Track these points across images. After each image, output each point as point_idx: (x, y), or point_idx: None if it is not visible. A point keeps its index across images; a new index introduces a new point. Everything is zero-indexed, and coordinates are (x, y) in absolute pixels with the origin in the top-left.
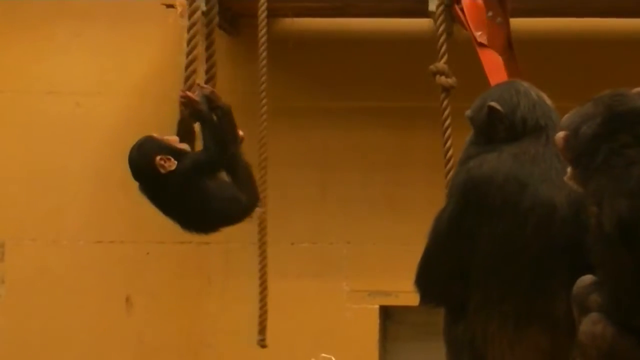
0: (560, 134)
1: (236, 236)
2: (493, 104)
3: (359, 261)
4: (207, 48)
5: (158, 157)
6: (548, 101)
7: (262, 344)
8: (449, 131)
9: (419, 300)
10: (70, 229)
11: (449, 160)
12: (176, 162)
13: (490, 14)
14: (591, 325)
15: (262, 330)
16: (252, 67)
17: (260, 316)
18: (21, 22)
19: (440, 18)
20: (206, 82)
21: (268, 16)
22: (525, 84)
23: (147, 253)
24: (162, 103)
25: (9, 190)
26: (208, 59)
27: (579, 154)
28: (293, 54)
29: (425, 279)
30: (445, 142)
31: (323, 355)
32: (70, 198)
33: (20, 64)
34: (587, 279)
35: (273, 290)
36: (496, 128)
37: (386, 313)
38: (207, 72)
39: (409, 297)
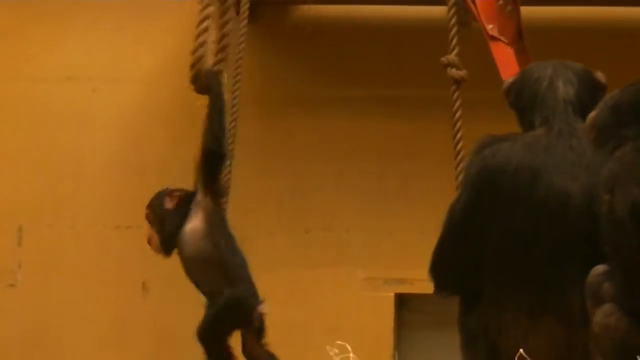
0: (591, 114)
1: (251, 224)
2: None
3: (374, 249)
4: (221, 31)
5: None
6: (570, 90)
7: None
8: (459, 123)
9: (434, 290)
10: (87, 214)
11: (458, 153)
12: None
13: (500, 2)
14: (605, 316)
15: None
16: (269, 54)
17: None
18: (39, 10)
19: (453, 10)
20: (215, 65)
21: (284, 3)
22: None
23: None
24: (178, 90)
25: (26, 176)
26: (220, 41)
27: (597, 137)
28: (309, 41)
29: (440, 268)
30: (455, 135)
31: (338, 342)
32: (87, 183)
33: (37, 51)
34: (600, 268)
35: (288, 279)
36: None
37: (401, 301)
38: (216, 54)
39: (424, 285)
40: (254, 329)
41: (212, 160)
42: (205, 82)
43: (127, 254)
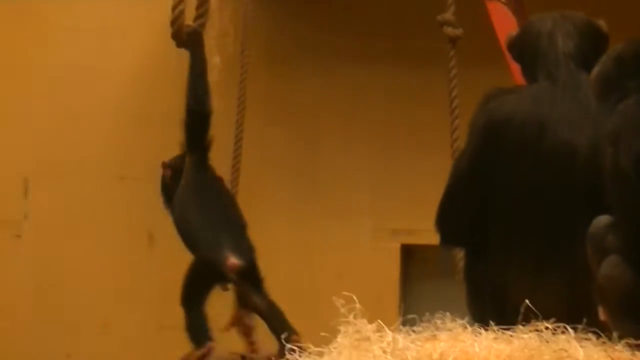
0: (596, 68)
1: (259, 176)
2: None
3: (380, 200)
4: None
5: None
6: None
7: None
8: (454, 81)
9: (440, 241)
10: (93, 165)
11: (454, 110)
12: None
13: None
14: (610, 268)
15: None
16: (275, 7)
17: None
18: None
19: None
20: (194, 20)
21: None
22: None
23: None
24: None
25: (33, 127)
26: None
27: (602, 90)
28: None
29: (446, 219)
30: (451, 92)
31: (344, 293)
32: (93, 135)
33: (44, 4)
34: (603, 219)
35: (296, 229)
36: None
37: (407, 252)
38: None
39: (431, 236)
40: (239, 282)
41: (194, 120)
42: (185, 40)
43: (133, 205)
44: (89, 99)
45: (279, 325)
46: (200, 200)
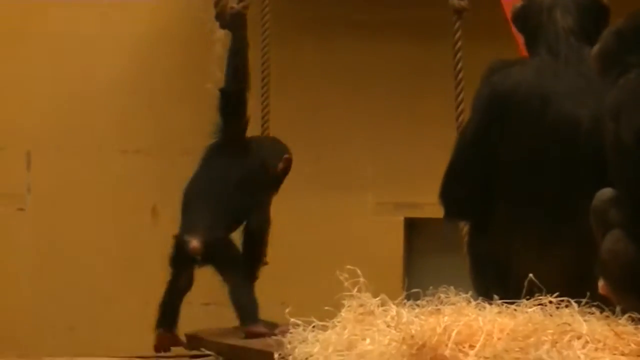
0: (597, 45)
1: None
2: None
3: (384, 173)
4: None
5: None
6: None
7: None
8: (460, 54)
9: (444, 215)
10: (96, 138)
11: (459, 82)
12: None
13: None
14: (613, 242)
15: None
16: None
17: None
18: None
19: None
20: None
21: None
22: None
23: (173, 164)
24: (188, 13)
25: (35, 100)
26: None
27: (603, 66)
28: None
29: (450, 193)
30: (456, 64)
31: (348, 267)
32: (96, 107)
33: None
34: (606, 192)
35: (298, 204)
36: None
37: (411, 225)
38: None
39: (435, 209)
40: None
41: (226, 100)
42: (229, 21)
43: (137, 178)
44: (91, 72)
45: (237, 310)
46: (198, 181)
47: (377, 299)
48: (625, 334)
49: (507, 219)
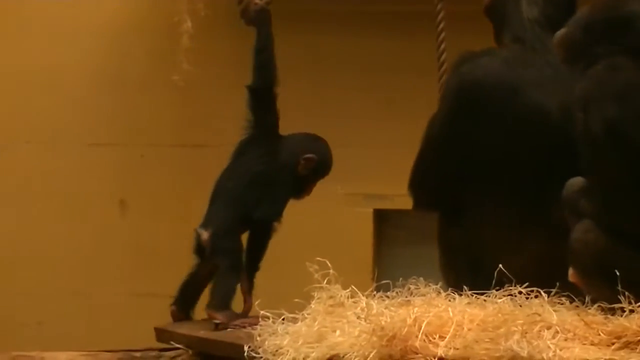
0: (560, 32)
1: (231, 139)
2: None
3: (354, 164)
4: None
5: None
6: (534, 9)
7: None
8: (442, 34)
9: (413, 205)
10: (65, 131)
11: (442, 64)
12: None
13: None
14: (583, 232)
15: None
16: None
17: None
18: None
19: None
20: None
21: None
22: None
23: (142, 155)
24: (160, 5)
25: (3, 92)
26: None
27: (567, 53)
28: None
29: (419, 183)
30: (439, 46)
31: (317, 259)
32: (64, 100)
33: None
34: (576, 182)
35: None
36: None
37: (381, 216)
38: None
39: (404, 200)
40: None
41: (255, 97)
42: (253, 17)
43: (105, 171)
44: (59, 65)
45: (211, 294)
46: (222, 176)
47: (347, 290)
48: (595, 324)
49: (477, 210)
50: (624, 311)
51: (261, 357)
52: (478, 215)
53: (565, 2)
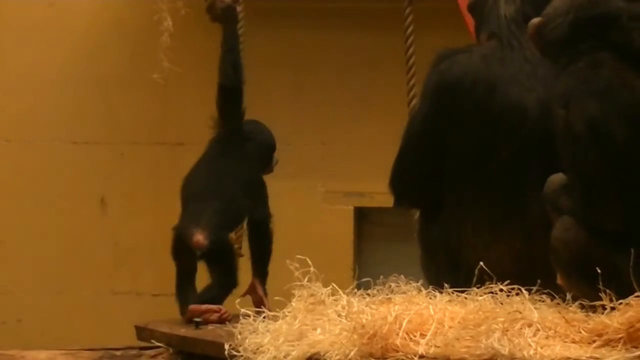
0: (535, 21)
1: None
2: None
3: (334, 162)
4: None
5: None
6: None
7: (239, 252)
8: (411, 38)
9: (394, 202)
10: (45, 129)
11: (410, 67)
12: None
13: None
14: (563, 230)
15: (239, 238)
16: None
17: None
18: None
19: None
20: None
21: None
22: None
23: (122, 154)
24: (139, 1)
25: None
26: None
27: (547, 47)
28: None
29: (400, 180)
30: (408, 49)
31: (298, 257)
32: (44, 98)
33: None
34: (557, 179)
35: None
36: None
37: (361, 214)
38: None
39: (384, 198)
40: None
41: (224, 95)
42: (219, 14)
43: (86, 170)
44: (40, 63)
45: (202, 293)
46: (203, 174)
47: (328, 288)
48: (576, 321)
49: (457, 207)
50: (605, 309)
51: (242, 356)
52: (457, 212)
53: (543, 1)
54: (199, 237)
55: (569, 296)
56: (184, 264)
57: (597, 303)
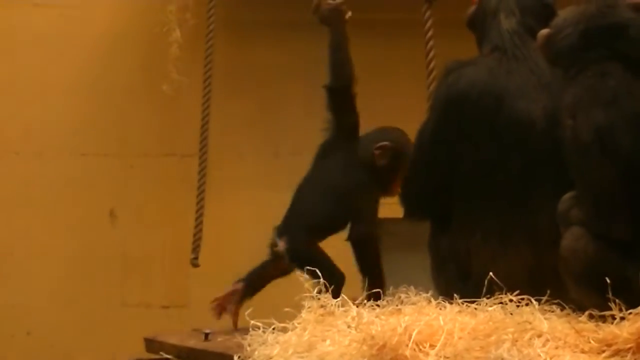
0: (544, 32)
1: (220, 148)
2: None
3: None
4: None
5: None
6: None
7: (195, 263)
8: (431, 42)
9: (404, 213)
10: (55, 141)
11: (431, 72)
12: None
13: None
14: (573, 240)
15: (196, 249)
16: None
17: (194, 234)
18: None
19: None
20: None
21: None
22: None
23: (131, 166)
24: (146, 15)
25: None
26: None
27: (557, 57)
28: None
29: (410, 192)
30: (428, 54)
31: (307, 268)
32: (54, 110)
33: None
34: (569, 196)
35: (257, 201)
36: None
37: None
38: None
39: (395, 208)
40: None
41: (333, 96)
42: (326, 15)
43: (95, 182)
44: (50, 75)
45: None
46: (311, 181)
47: (338, 299)
48: (586, 331)
49: (467, 218)
50: (615, 318)
51: None
52: (467, 222)
53: (544, 12)
54: (280, 247)
55: (578, 306)
56: (272, 263)
57: (607, 313)
